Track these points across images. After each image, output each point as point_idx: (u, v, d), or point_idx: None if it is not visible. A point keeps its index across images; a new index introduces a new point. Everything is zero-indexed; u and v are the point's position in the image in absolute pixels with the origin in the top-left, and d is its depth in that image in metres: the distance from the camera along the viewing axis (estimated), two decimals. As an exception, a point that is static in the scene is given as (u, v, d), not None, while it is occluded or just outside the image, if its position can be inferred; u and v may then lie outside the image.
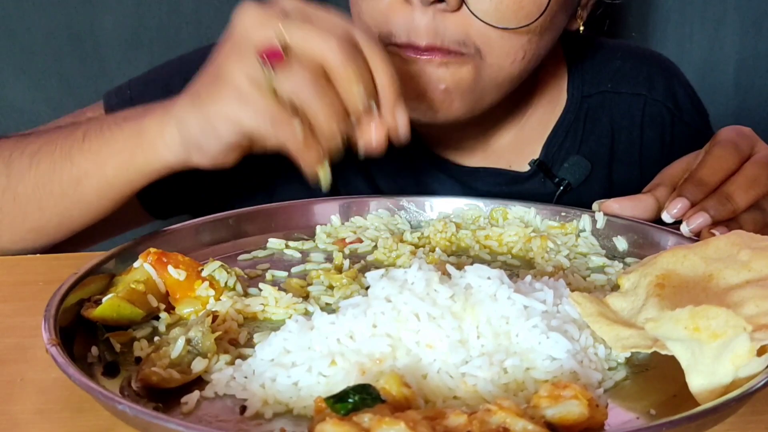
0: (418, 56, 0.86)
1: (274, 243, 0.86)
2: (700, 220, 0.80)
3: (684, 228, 0.81)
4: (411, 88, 0.87)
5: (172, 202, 1.05)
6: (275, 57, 0.69)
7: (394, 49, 0.87)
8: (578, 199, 1.06)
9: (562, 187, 1.07)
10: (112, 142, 0.79)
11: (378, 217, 0.93)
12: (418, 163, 1.07)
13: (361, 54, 0.72)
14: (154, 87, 1.03)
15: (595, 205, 0.90)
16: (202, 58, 0.86)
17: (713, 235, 0.77)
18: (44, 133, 0.87)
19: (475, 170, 1.08)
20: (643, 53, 1.19)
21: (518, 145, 1.09)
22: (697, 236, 0.80)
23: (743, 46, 1.73)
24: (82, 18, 1.62)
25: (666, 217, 0.83)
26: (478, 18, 0.85)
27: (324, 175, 0.74)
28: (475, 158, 1.09)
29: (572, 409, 0.50)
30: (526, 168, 1.08)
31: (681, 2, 1.70)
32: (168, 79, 1.03)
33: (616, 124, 1.12)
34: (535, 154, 1.09)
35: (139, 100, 0.96)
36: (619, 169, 1.12)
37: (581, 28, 1.00)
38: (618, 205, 0.88)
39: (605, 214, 0.88)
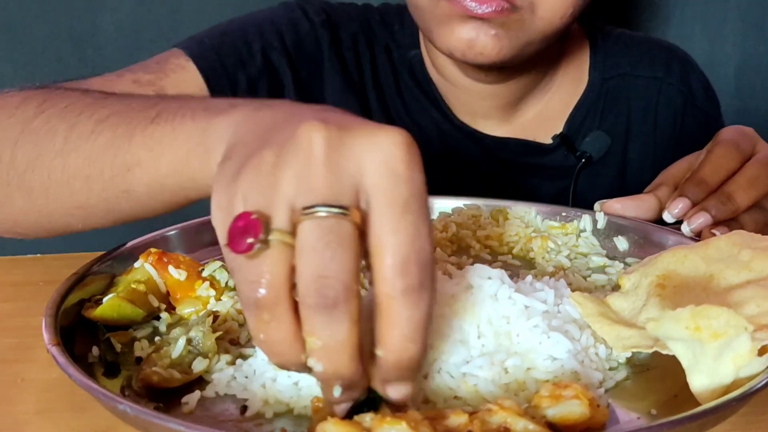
0: (480, 2, 0.92)
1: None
2: (701, 219, 0.80)
3: (685, 228, 0.81)
4: (464, 33, 0.95)
5: None
6: (243, 235, 0.46)
7: (452, 2, 0.94)
8: (596, 173, 1.16)
9: (584, 159, 1.14)
10: (177, 133, 0.61)
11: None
12: (445, 130, 1.14)
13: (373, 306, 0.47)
14: (235, 39, 1.07)
15: (596, 205, 0.90)
16: (263, 15, 1.01)
17: (714, 235, 0.77)
18: (127, 98, 0.72)
19: (501, 140, 1.15)
20: (661, 43, 1.26)
21: (542, 120, 1.17)
22: (698, 236, 0.80)
23: (744, 47, 1.73)
24: (83, 19, 1.62)
25: (667, 216, 0.83)
26: None
27: None
28: (502, 128, 1.16)
29: (573, 409, 0.50)
30: (549, 141, 1.16)
31: (681, 2, 1.70)
32: (242, 30, 1.08)
33: (634, 105, 1.18)
34: (558, 129, 1.16)
35: (223, 49, 1.04)
36: (634, 146, 1.18)
37: None
38: (620, 205, 0.88)
39: (607, 214, 0.88)
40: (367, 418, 0.47)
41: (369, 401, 0.50)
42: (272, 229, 0.45)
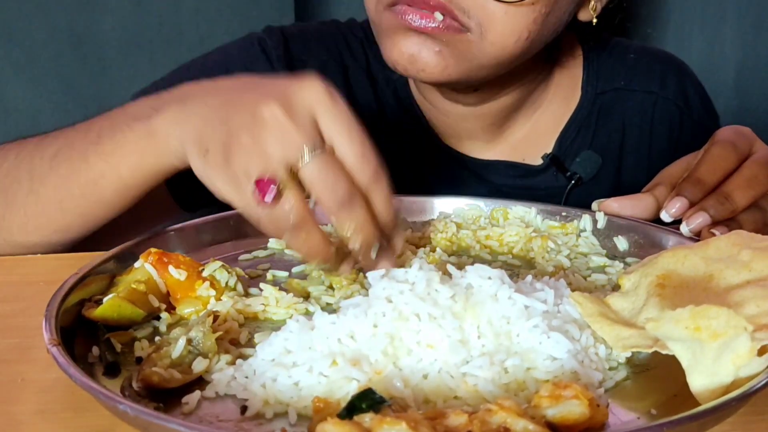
0: (418, 15, 0.88)
1: (275, 243, 0.86)
2: (699, 219, 0.80)
3: (684, 228, 0.81)
4: (405, 47, 0.90)
5: (200, 194, 1.03)
6: (266, 192, 0.67)
7: (394, 13, 0.90)
8: (588, 193, 1.09)
9: (573, 181, 1.10)
10: (124, 144, 0.79)
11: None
12: (432, 156, 1.11)
13: (362, 194, 0.69)
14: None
15: (594, 205, 0.90)
16: (223, 60, 0.99)
17: (713, 235, 0.77)
18: (62, 134, 0.87)
19: (489, 163, 1.12)
20: (657, 53, 1.22)
21: (532, 139, 1.13)
22: (697, 236, 0.80)
23: (743, 47, 1.73)
24: (83, 19, 1.62)
25: (665, 216, 0.83)
26: None
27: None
28: (489, 151, 1.13)
29: (573, 409, 0.50)
30: (539, 161, 1.12)
31: (681, 2, 1.70)
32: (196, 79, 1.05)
33: (628, 120, 1.15)
34: (548, 147, 1.12)
35: None
36: (628, 164, 1.14)
37: (594, 20, 1.02)
38: (617, 204, 0.88)
39: (605, 213, 0.88)
40: (366, 418, 0.47)
41: (370, 402, 0.50)
42: (280, 179, 0.66)
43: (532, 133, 1.12)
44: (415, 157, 1.11)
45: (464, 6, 0.88)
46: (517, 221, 0.92)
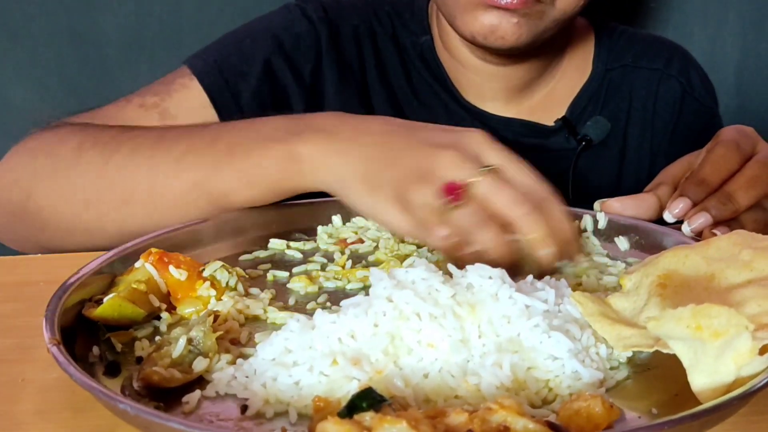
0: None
1: (276, 243, 0.86)
2: (701, 220, 0.80)
3: (685, 228, 0.81)
4: (487, 20, 1.01)
5: None
6: (455, 194, 0.71)
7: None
8: (597, 155, 1.20)
9: (584, 142, 1.18)
10: (264, 164, 0.82)
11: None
12: (453, 110, 1.18)
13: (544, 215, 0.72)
14: (234, 51, 1.11)
15: (596, 204, 0.90)
16: (267, 26, 1.11)
17: (715, 234, 0.77)
18: (183, 136, 0.88)
19: (507, 120, 1.19)
20: (663, 40, 1.31)
21: (547, 104, 1.21)
22: (698, 236, 0.80)
23: (744, 47, 1.73)
24: (84, 19, 1.62)
25: (668, 217, 0.83)
26: None
27: None
28: (507, 110, 1.20)
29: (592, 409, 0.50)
30: (552, 124, 1.20)
31: (681, 2, 1.70)
32: (240, 41, 1.12)
33: (635, 93, 1.23)
34: (561, 113, 1.20)
35: (224, 63, 1.08)
36: (633, 133, 1.22)
37: None
38: (619, 204, 0.88)
39: (606, 213, 0.88)
40: (367, 417, 0.47)
41: (371, 401, 0.50)
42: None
43: (548, 99, 1.21)
44: (439, 112, 1.18)
45: None
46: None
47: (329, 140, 0.80)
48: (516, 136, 1.18)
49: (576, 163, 1.18)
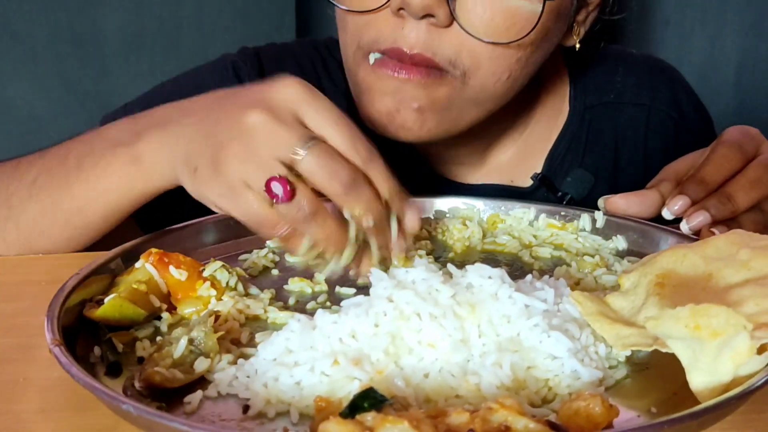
0: (396, 73, 0.84)
1: (274, 244, 0.86)
2: (700, 218, 0.80)
3: (684, 226, 0.81)
4: (383, 106, 0.86)
5: (163, 217, 0.99)
6: (282, 191, 0.68)
7: (372, 65, 0.85)
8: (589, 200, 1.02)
9: (564, 202, 1.05)
10: (108, 171, 0.80)
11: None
12: (417, 182, 1.02)
13: (363, 174, 0.70)
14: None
15: (600, 202, 0.89)
16: (196, 83, 0.91)
17: (713, 234, 0.77)
18: (38, 159, 0.87)
19: (477, 187, 1.07)
20: (645, 62, 1.18)
21: (520, 160, 1.08)
22: (696, 235, 0.80)
23: (743, 47, 1.74)
24: (84, 20, 1.62)
25: (666, 213, 0.83)
26: (470, 33, 0.82)
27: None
28: (475, 174, 1.08)
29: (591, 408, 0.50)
30: (528, 183, 1.07)
31: (681, 3, 1.70)
32: (169, 100, 0.99)
33: (620, 135, 1.11)
34: (538, 167, 1.08)
35: None
36: (623, 180, 1.09)
37: (578, 45, 0.98)
38: (624, 201, 0.87)
39: (610, 211, 0.88)
40: (368, 417, 0.47)
41: (372, 401, 0.50)
42: (287, 175, 0.68)
43: (520, 154, 1.08)
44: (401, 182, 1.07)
45: (450, 56, 0.84)
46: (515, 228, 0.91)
47: (162, 131, 0.77)
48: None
49: None
